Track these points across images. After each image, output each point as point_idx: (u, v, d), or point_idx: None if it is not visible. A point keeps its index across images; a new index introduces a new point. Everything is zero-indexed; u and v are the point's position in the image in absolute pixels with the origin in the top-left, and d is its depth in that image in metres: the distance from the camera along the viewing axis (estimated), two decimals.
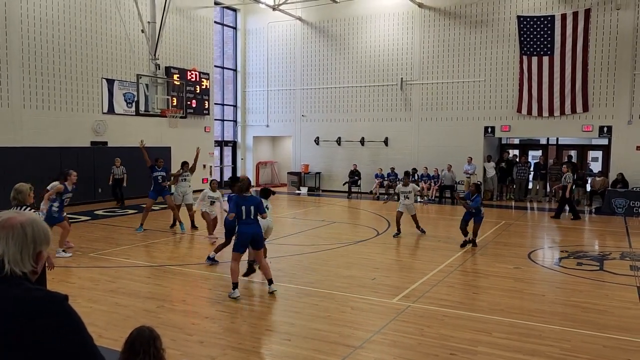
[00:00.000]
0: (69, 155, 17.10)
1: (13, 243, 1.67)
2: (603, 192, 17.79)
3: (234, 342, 5.85)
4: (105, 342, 5.47)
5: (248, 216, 7.39)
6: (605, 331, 6.24)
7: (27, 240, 1.69)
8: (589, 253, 11.04)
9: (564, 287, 8.38)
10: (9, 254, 1.66)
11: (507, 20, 19.66)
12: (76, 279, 8.41)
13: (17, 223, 1.70)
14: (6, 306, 1.59)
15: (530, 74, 19.22)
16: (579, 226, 14.90)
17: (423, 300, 7.40)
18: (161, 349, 3.06)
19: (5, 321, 1.56)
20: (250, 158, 25.73)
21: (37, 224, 1.75)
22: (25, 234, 1.70)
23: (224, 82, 24.98)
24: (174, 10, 20.40)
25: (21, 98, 16.12)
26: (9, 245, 1.66)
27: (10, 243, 1.67)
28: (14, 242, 1.67)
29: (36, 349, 1.56)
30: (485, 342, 5.86)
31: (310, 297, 7.51)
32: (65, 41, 17.25)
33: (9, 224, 1.70)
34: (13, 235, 1.68)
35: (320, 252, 10.75)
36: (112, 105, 18.82)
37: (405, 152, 21.61)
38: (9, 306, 1.59)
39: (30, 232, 1.71)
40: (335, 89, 23.07)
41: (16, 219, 1.72)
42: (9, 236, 1.67)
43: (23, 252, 1.68)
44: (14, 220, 1.71)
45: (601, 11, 18.30)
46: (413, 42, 21.39)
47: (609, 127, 18.49)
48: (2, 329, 1.55)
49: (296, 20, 23.52)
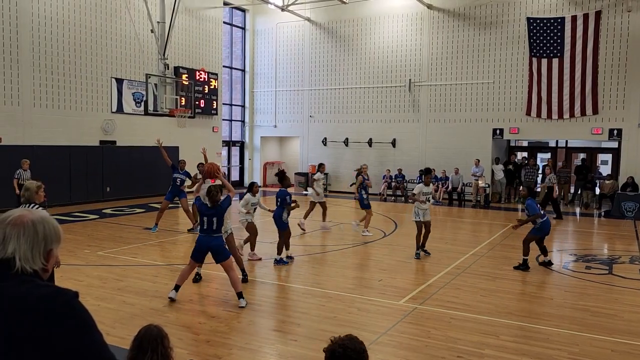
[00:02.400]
0: (78, 154, 17.23)
1: (24, 240, 1.67)
2: (612, 196, 17.66)
3: (240, 342, 5.85)
4: (113, 339, 5.49)
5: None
6: (614, 335, 6.19)
7: (38, 237, 1.70)
8: (598, 257, 10.96)
9: (573, 290, 8.32)
10: (20, 252, 1.66)
11: (517, 22, 19.57)
12: (84, 277, 8.46)
13: (28, 221, 1.70)
14: (17, 303, 1.60)
15: (540, 76, 19.12)
16: (588, 229, 14.79)
17: (430, 302, 7.37)
18: (169, 348, 3.07)
19: (15, 317, 1.57)
20: (257, 158, 25.78)
21: (47, 221, 1.75)
22: (37, 231, 1.70)
23: (232, 82, 25.04)
24: (183, 11, 20.48)
25: (31, 97, 16.24)
26: (20, 243, 1.67)
27: (22, 240, 1.67)
28: (25, 240, 1.67)
29: (46, 345, 1.56)
30: (492, 345, 5.83)
31: (317, 298, 7.51)
32: (75, 41, 17.36)
33: (20, 221, 1.70)
34: (24, 233, 1.68)
35: (327, 253, 10.74)
36: (121, 105, 18.93)
37: (413, 154, 21.56)
38: (19, 303, 1.60)
39: (42, 229, 1.71)
40: (343, 89, 23.06)
41: (27, 216, 1.72)
42: (20, 233, 1.68)
43: (34, 250, 1.68)
44: (24, 217, 1.71)
45: (612, 13, 18.18)
46: (422, 44, 21.34)
47: (619, 130, 18.35)
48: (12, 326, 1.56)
49: (305, 21, 23.54)
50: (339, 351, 2.62)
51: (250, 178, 25.80)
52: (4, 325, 1.56)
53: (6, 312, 1.58)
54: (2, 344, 1.55)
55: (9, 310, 1.58)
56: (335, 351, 2.63)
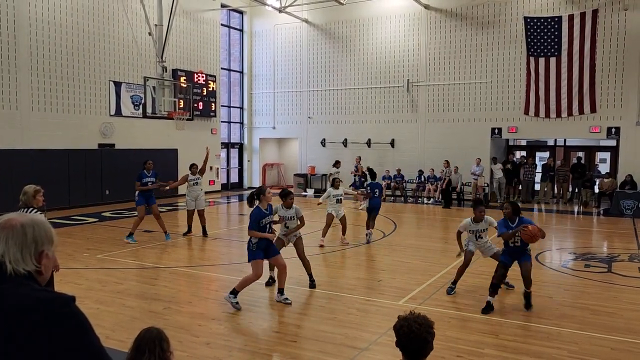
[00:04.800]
0: (76, 158, 17.23)
1: (13, 243, 1.70)
2: (611, 194, 17.68)
3: (240, 344, 5.86)
4: (113, 343, 5.49)
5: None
6: (614, 334, 6.19)
7: (27, 240, 1.71)
8: (597, 255, 10.97)
9: (572, 289, 8.32)
10: (9, 254, 1.68)
11: (514, 21, 19.59)
12: (84, 280, 8.45)
13: (17, 224, 1.73)
14: (16, 304, 1.60)
15: (538, 75, 19.15)
16: (587, 228, 14.80)
17: (429, 302, 7.38)
18: (167, 351, 3.08)
19: (15, 318, 1.58)
20: (256, 160, 25.78)
21: (38, 224, 1.76)
22: (25, 233, 1.72)
23: (230, 84, 25.05)
24: (181, 13, 20.48)
25: (29, 100, 16.24)
26: (8, 245, 1.69)
27: (10, 243, 1.69)
28: (13, 242, 1.70)
29: (42, 349, 1.56)
30: (491, 344, 5.84)
31: (317, 299, 7.51)
32: (73, 44, 17.36)
33: (9, 224, 1.72)
34: (13, 236, 1.70)
35: (326, 253, 10.74)
36: (119, 108, 18.92)
37: (412, 154, 21.57)
38: (19, 304, 1.60)
39: (31, 232, 1.73)
40: (342, 90, 23.08)
41: (17, 219, 1.74)
42: (9, 236, 1.70)
43: (24, 252, 1.70)
44: (14, 221, 1.74)
45: (609, 12, 18.20)
46: (419, 44, 21.36)
47: (617, 128, 18.37)
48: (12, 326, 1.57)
49: (302, 22, 23.56)
50: (408, 325, 2.81)
51: (249, 180, 25.82)
52: (3, 325, 1.57)
53: (6, 313, 1.59)
54: (2, 344, 1.56)
55: (8, 310, 1.59)
56: (404, 324, 2.82)
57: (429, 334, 2.80)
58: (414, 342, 2.76)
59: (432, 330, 2.83)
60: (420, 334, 2.76)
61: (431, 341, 2.81)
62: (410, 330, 2.77)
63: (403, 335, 2.78)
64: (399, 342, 2.83)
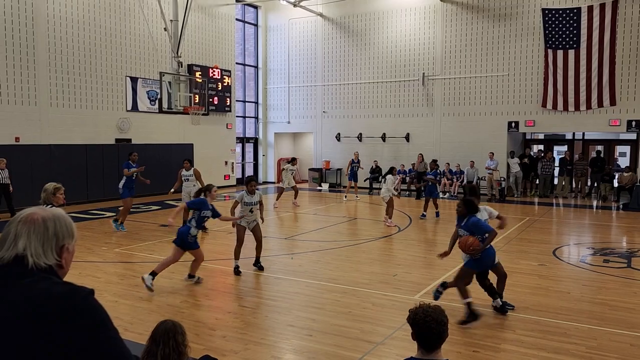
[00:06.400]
0: (94, 153, 17.44)
1: (34, 237, 1.71)
2: (631, 188, 17.39)
3: (256, 337, 5.89)
4: (131, 335, 5.57)
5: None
6: (633, 330, 6.11)
7: (48, 234, 1.73)
8: (617, 250, 10.81)
9: (591, 284, 8.22)
10: (30, 248, 1.70)
11: (532, 13, 19.32)
12: (102, 273, 8.57)
13: (39, 218, 1.75)
14: (37, 299, 1.63)
15: (556, 67, 18.87)
16: (606, 222, 14.59)
17: (445, 296, 7.33)
18: (182, 344, 3.12)
19: (36, 313, 1.60)
20: (271, 154, 25.84)
21: (59, 218, 1.78)
22: (47, 227, 1.74)
23: (245, 79, 25.11)
24: (196, 8, 20.56)
25: (48, 96, 16.46)
26: (30, 239, 1.71)
27: (32, 237, 1.71)
28: (35, 236, 1.71)
29: (62, 342, 1.58)
30: (508, 340, 5.79)
31: (332, 293, 7.52)
32: (90, 40, 17.54)
33: (30, 219, 1.74)
34: (34, 230, 1.72)
35: (341, 248, 10.75)
36: (135, 103, 19.10)
37: (427, 148, 21.44)
38: (39, 299, 1.62)
39: (52, 226, 1.75)
40: (357, 84, 23.00)
41: (38, 214, 1.76)
42: (31, 230, 1.72)
43: (45, 246, 1.72)
44: (35, 215, 1.76)
45: (629, 2, 17.85)
46: (435, 37, 21.18)
47: (637, 122, 18.05)
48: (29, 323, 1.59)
49: (317, 16, 23.49)
50: (421, 316, 2.84)
51: (264, 174, 25.89)
52: (25, 319, 1.59)
53: (27, 307, 1.61)
54: (23, 339, 1.58)
55: (29, 305, 1.61)
56: (417, 314, 2.85)
57: (443, 317, 2.87)
58: (431, 328, 2.79)
59: (445, 317, 2.89)
60: (436, 317, 2.82)
61: (446, 327, 2.85)
62: (426, 315, 2.82)
63: (419, 322, 2.81)
64: (415, 332, 2.85)
